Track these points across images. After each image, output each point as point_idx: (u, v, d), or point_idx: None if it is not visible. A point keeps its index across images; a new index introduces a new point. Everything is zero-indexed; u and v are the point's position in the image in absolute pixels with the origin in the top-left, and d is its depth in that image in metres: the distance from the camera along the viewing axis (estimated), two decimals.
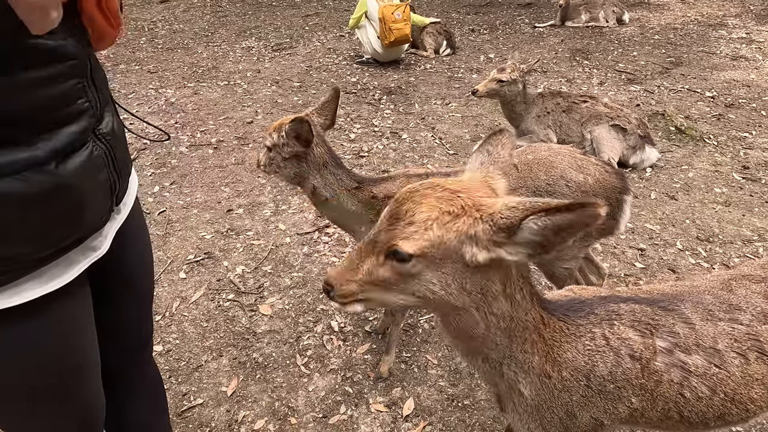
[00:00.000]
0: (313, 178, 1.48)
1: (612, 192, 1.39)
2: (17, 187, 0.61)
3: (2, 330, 0.67)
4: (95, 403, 0.91)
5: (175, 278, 2.25)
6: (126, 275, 0.95)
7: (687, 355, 0.87)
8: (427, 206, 0.70)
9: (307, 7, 8.67)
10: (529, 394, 0.87)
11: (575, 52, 5.50)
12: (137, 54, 5.88)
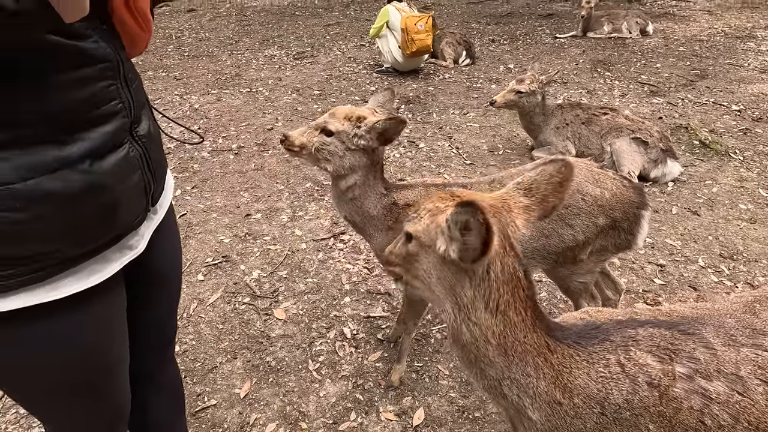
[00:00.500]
0: (357, 175, 1.45)
1: (629, 206, 1.37)
2: (52, 185, 0.64)
3: (43, 324, 0.71)
4: (124, 398, 0.95)
5: (193, 280, 2.30)
6: (158, 275, 0.98)
7: (708, 381, 0.84)
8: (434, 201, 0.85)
9: (329, 17, 8.83)
10: (539, 419, 0.86)
11: (597, 63, 5.44)
12: (164, 61, 6.07)
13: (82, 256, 0.72)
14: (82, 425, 0.90)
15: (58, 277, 0.70)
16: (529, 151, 3.38)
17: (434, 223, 0.82)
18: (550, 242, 1.35)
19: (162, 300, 1.04)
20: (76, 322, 0.75)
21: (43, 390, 0.81)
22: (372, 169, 1.46)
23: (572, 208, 1.32)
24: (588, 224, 1.33)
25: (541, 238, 1.34)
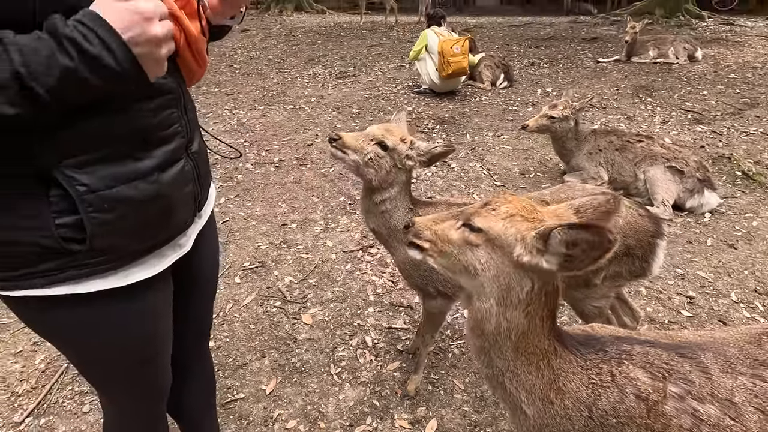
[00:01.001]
0: (394, 191, 1.53)
1: (643, 235, 1.40)
2: (130, 192, 0.79)
3: (114, 306, 0.86)
4: (167, 379, 1.08)
5: (231, 282, 2.48)
6: (198, 273, 1.12)
7: (700, 403, 0.88)
8: (513, 206, 0.89)
9: (373, 38, 9.17)
10: (532, 414, 0.93)
11: (639, 88, 5.37)
12: (218, 77, 6.52)
13: (144, 250, 0.87)
14: (132, 396, 1.05)
15: (127, 267, 0.84)
16: (561, 176, 3.40)
17: (514, 229, 0.85)
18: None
19: (200, 295, 1.18)
20: (137, 305, 0.90)
21: (106, 362, 0.95)
22: (406, 186, 1.57)
23: None
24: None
25: None
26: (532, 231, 0.83)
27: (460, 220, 0.91)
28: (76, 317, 0.84)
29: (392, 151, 1.47)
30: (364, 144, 1.49)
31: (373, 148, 1.48)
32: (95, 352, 0.92)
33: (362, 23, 11.02)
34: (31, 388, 1.90)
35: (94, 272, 0.78)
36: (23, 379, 1.94)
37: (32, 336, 2.15)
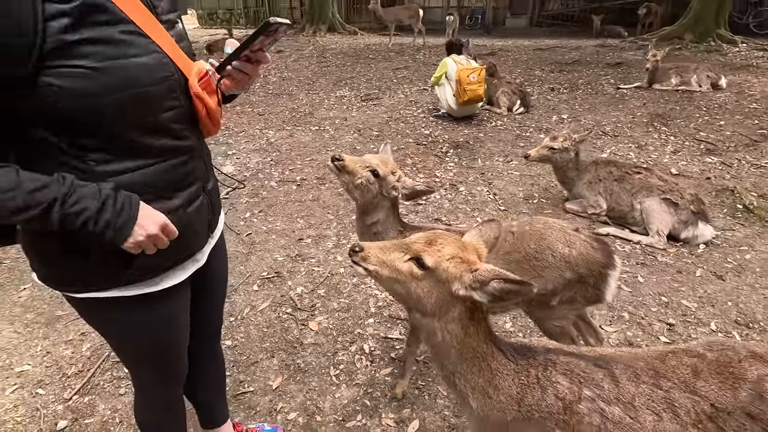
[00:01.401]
0: (381, 214, 1.75)
1: (594, 265, 1.59)
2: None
3: (148, 306, 1.13)
4: (184, 366, 1.37)
5: (250, 289, 2.79)
6: (210, 280, 1.39)
7: (607, 405, 1.09)
8: (452, 248, 1.09)
9: (399, 61, 9.53)
10: (476, 407, 1.16)
11: (655, 117, 5.44)
12: (251, 98, 7.01)
13: (172, 264, 1.14)
14: (157, 379, 1.33)
15: (157, 277, 1.11)
16: (563, 203, 3.56)
17: (455, 270, 1.04)
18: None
19: (212, 299, 1.46)
20: (164, 306, 1.17)
21: (139, 349, 1.23)
22: (392, 210, 1.78)
23: (543, 261, 1.58)
24: (556, 276, 1.58)
25: None
26: (467, 273, 1.04)
27: (408, 254, 1.11)
28: (120, 313, 1.11)
29: (382, 179, 1.66)
30: (359, 168, 1.67)
31: (366, 173, 1.67)
32: (132, 341, 1.21)
33: (391, 45, 11.45)
34: (78, 371, 2.24)
35: (135, 282, 1.07)
36: (72, 363, 2.29)
37: (80, 328, 2.51)
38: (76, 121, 0.87)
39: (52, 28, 0.78)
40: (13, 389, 2.15)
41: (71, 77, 0.82)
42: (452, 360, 1.15)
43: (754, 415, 1.03)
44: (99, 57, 0.83)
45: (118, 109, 0.89)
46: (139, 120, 0.94)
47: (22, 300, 2.76)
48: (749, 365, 1.07)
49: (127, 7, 0.88)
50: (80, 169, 0.92)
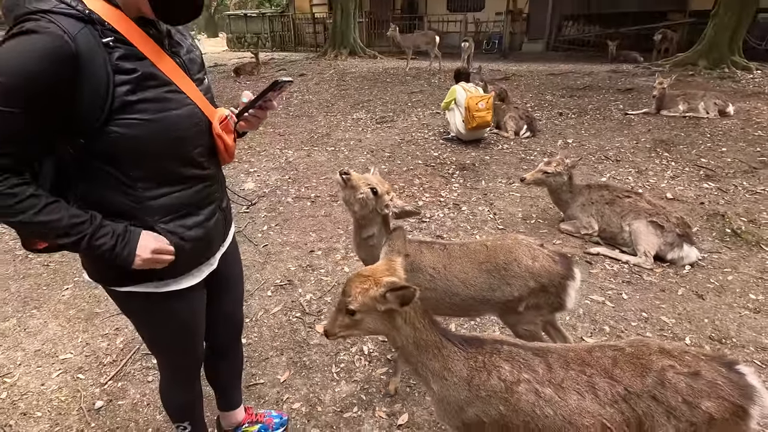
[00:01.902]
0: (375, 229, 2.02)
1: (554, 276, 1.82)
2: (194, 234, 1.36)
3: (174, 302, 1.40)
4: (201, 355, 1.64)
5: (264, 295, 3.09)
6: (226, 282, 1.65)
7: (541, 386, 1.33)
8: (357, 286, 1.35)
9: (414, 84, 9.93)
10: (436, 389, 1.40)
11: (658, 143, 5.61)
12: (274, 119, 7.47)
13: (192, 267, 1.41)
14: (179, 362, 1.60)
15: (180, 278, 1.38)
16: (558, 223, 3.78)
17: (369, 296, 1.30)
18: (495, 294, 1.85)
19: (230, 299, 1.72)
20: (184, 301, 1.43)
21: (165, 336, 1.50)
22: (384, 226, 2.04)
23: (511, 271, 1.83)
24: (521, 285, 1.82)
25: (490, 290, 1.85)
26: (376, 293, 1.30)
27: (341, 313, 1.37)
28: (151, 305, 1.38)
29: (379, 197, 1.90)
30: (362, 184, 1.89)
31: (366, 190, 1.89)
32: (159, 328, 1.47)
33: (408, 69, 11.91)
34: (112, 361, 2.56)
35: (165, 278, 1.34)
36: (107, 354, 2.62)
37: (114, 323, 2.85)
38: (129, 157, 1.14)
39: (119, 92, 1.06)
40: (58, 373, 2.48)
41: (129, 126, 1.08)
42: (413, 353, 1.41)
43: (657, 398, 1.25)
44: (150, 111, 1.11)
45: (160, 148, 1.17)
46: (174, 156, 1.22)
47: (65, 298, 3.13)
48: (656, 358, 1.30)
49: (169, 73, 1.17)
50: (130, 193, 1.18)
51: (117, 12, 1.08)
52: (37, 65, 0.96)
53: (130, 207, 1.20)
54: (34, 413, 2.24)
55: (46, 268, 3.50)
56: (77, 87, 1.00)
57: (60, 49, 0.97)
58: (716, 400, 1.25)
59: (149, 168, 1.19)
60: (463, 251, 1.93)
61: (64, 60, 0.98)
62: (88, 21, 1.02)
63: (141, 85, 1.09)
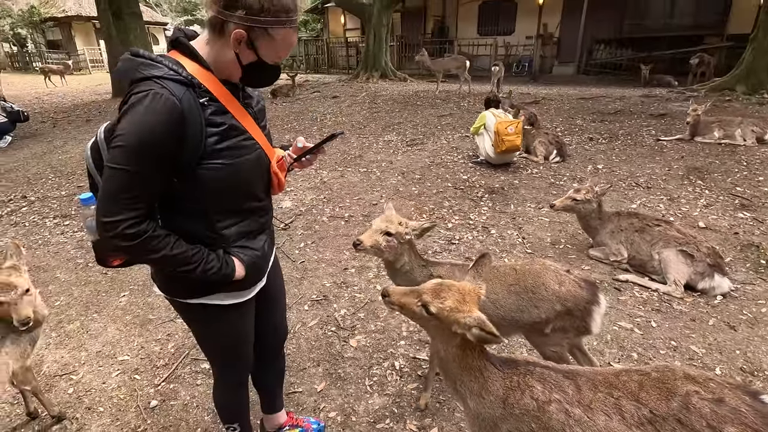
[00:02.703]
0: (405, 257, 2.16)
1: (579, 301, 1.92)
2: (255, 257, 1.56)
3: (232, 314, 1.59)
4: (251, 361, 1.82)
5: (301, 309, 3.28)
6: (270, 296, 1.84)
7: (570, 406, 1.44)
8: (452, 300, 1.45)
9: (444, 107, 10.16)
10: (472, 406, 1.53)
11: (692, 170, 5.57)
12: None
13: (252, 284, 1.61)
14: (230, 366, 1.78)
15: (239, 292, 1.58)
16: (587, 249, 3.83)
17: (454, 317, 1.38)
18: (523, 316, 1.97)
19: (277, 309, 1.93)
20: (239, 312, 1.63)
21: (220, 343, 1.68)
22: (412, 250, 2.18)
23: (539, 294, 1.94)
24: (548, 308, 1.93)
25: (518, 312, 1.97)
26: (464, 318, 1.40)
27: (419, 301, 1.47)
28: (214, 315, 1.58)
29: (396, 234, 2.04)
30: (377, 237, 2.05)
31: (383, 238, 2.05)
32: (218, 337, 1.66)
33: (437, 92, 12.18)
34: (165, 364, 2.79)
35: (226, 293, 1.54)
36: (160, 357, 2.85)
37: (167, 329, 3.10)
38: (210, 195, 1.33)
39: (209, 142, 1.25)
40: (116, 374, 2.73)
41: (213, 170, 1.27)
42: (454, 371, 1.54)
43: (682, 422, 1.34)
44: (230, 157, 1.30)
45: (234, 187, 1.36)
46: (243, 193, 1.42)
47: (122, 304, 3.42)
48: (681, 383, 1.39)
49: (245, 123, 1.38)
50: (208, 224, 1.38)
51: (209, 75, 1.29)
52: (163, 125, 1.16)
53: (207, 235, 1.40)
54: (97, 408, 2.48)
55: (104, 276, 3.82)
56: (183, 140, 1.20)
57: (173, 110, 1.17)
58: (739, 426, 1.32)
59: (224, 203, 1.39)
60: (494, 273, 2.06)
61: (177, 119, 1.18)
62: (189, 85, 1.22)
63: (225, 136, 1.29)
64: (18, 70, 27.22)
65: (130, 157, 1.15)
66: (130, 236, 1.20)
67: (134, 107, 1.16)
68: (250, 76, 1.32)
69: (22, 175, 6.67)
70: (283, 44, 1.28)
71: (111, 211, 1.18)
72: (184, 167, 1.24)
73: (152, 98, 1.16)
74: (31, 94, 15.92)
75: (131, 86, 1.22)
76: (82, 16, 25.56)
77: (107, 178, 1.18)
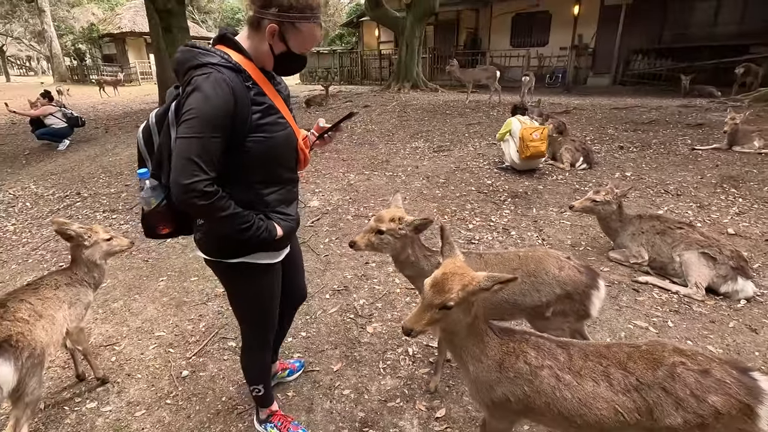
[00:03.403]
0: (408, 250, 2.21)
1: (578, 285, 1.99)
2: (290, 222, 1.79)
3: (267, 273, 1.82)
4: (276, 318, 2.02)
5: (323, 297, 3.46)
6: (293, 260, 2.07)
7: (561, 372, 1.53)
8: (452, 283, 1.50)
9: (473, 116, 10.24)
10: (472, 370, 1.64)
11: (726, 178, 5.42)
12: (338, 146, 8.10)
13: (285, 245, 1.85)
14: (260, 326, 1.99)
15: (275, 253, 1.81)
16: (608, 251, 3.83)
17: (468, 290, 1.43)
18: (525, 299, 2.05)
19: (296, 272, 2.17)
20: (272, 273, 1.86)
21: (254, 303, 1.90)
22: (415, 242, 2.21)
23: (539, 278, 2.03)
24: (548, 291, 2.01)
25: (521, 295, 2.06)
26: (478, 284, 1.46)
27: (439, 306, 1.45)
28: (253, 272, 1.79)
29: (387, 232, 2.09)
30: (370, 237, 2.11)
31: (375, 237, 2.10)
32: (253, 293, 1.87)
33: (467, 102, 12.27)
34: (196, 340, 3.03)
35: (265, 253, 1.77)
36: (192, 335, 3.09)
37: (199, 311, 3.35)
38: (253, 164, 1.56)
39: (253, 118, 1.49)
40: (153, 347, 2.99)
41: (256, 142, 1.51)
42: (461, 338, 1.65)
43: (667, 390, 1.40)
44: (269, 131, 1.53)
45: (271, 158, 1.60)
46: (279, 164, 1.68)
47: (160, 287, 3.71)
48: (669, 354, 1.46)
49: (278, 105, 1.61)
50: (252, 191, 1.61)
51: (250, 63, 1.54)
52: (223, 101, 1.39)
53: (251, 200, 1.61)
54: (135, 375, 2.73)
55: (146, 263, 4.16)
56: (236, 114, 1.43)
57: (229, 89, 1.40)
58: (723, 396, 1.38)
59: (264, 172, 1.62)
60: (498, 259, 2.16)
61: (230, 97, 1.41)
62: (237, 70, 1.47)
63: (266, 113, 1.53)
64: (76, 81, 29.40)
65: (203, 126, 1.37)
66: (208, 194, 1.41)
67: (200, 87, 1.39)
68: (281, 65, 1.57)
69: (77, 175, 7.27)
70: (309, 36, 1.53)
71: (190, 173, 1.37)
72: (234, 139, 1.47)
73: (213, 79, 1.39)
74: (87, 103, 17.20)
75: (190, 71, 1.46)
76: (135, 32, 27.43)
77: (183, 147, 1.38)
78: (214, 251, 1.73)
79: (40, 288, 2.22)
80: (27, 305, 2.08)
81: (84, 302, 2.38)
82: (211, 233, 1.70)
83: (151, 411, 2.45)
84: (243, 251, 1.69)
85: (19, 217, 5.59)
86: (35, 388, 1.97)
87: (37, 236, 4.99)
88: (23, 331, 1.95)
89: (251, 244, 1.64)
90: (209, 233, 1.70)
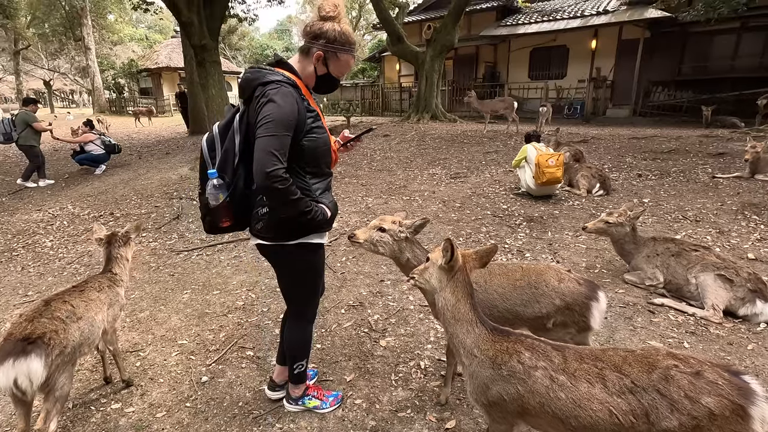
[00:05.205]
0: (408, 252, 2.34)
1: (578, 296, 2.03)
2: (334, 203, 2.05)
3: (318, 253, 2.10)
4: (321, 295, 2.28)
5: (338, 312, 3.56)
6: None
7: (555, 373, 1.57)
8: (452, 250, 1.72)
9: (490, 145, 10.41)
10: (467, 364, 1.71)
11: (747, 206, 5.35)
12: (358, 172, 8.36)
13: (329, 227, 2.09)
14: (311, 304, 2.25)
15: (323, 234, 2.07)
16: (623, 274, 3.82)
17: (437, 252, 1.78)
18: (526, 310, 2.11)
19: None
20: (323, 252, 2.12)
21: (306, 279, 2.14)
22: (415, 244, 2.35)
23: (540, 289, 2.09)
24: (548, 302, 2.06)
25: (522, 306, 2.12)
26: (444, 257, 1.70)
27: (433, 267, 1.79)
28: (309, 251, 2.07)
29: (388, 231, 2.22)
30: (371, 233, 2.25)
31: (376, 233, 2.24)
32: (308, 270, 2.14)
33: (485, 132, 12.50)
34: (216, 349, 3.15)
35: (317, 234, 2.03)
36: (213, 344, 3.22)
37: (219, 322, 3.48)
38: (306, 159, 1.89)
39: (307, 123, 1.84)
40: (176, 354, 3.12)
41: (309, 141, 1.86)
42: (450, 323, 1.73)
43: (661, 392, 1.44)
44: (317, 133, 1.89)
45: (318, 155, 1.93)
46: (322, 160, 1.98)
47: (184, 299, 3.89)
48: (663, 358, 1.50)
49: (320, 114, 1.95)
50: (304, 181, 1.92)
51: (300, 81, 1.90)
52: (291, 108, 1.75)
53: (303, 188, 1.89)
54: (158, 379, 2.86)
55: (171, 277, 4.36)
56: (298, 119, 1.79)
57: (293, 99, 1.77)
58: (716, 397, 1.41)
59: (312, 165, 1.95)
60: (502, 270, 2.24)
61: (295, 105, 1.78)
62: (294, 86, 1.83)
63: (315, 119, 1.89)
64: (114, 113, 31.20)
65: (278, 126, 1.71)
66: (285, 180, 1.71)
67: (274, 98, 1.74)
68: (321, 85, 1.96)
69: (111, 197, 7.69)
70: (345, 64, 1.93)
71: (272, 162, 1.68)
72: (296, 137, 1.81)
73: (282, 92, 1.76)
74: (123, 132, 18.23)
75: (261, 87, 1.78)
76: (171, 67, 29.15)
77: (264, 143, 1.69)
78: (276, 236, 1.98)
79: (85, 290, 2.41)
80: (68, 306, 2.25)
81: (120, 303, 2.58)
82: (271, 220, 1.95)
83: (171, 413, 2.56)
84: (298, 233, 1.97)
85: (57, 235, 5.94)
86: (65, 384, 2.11)
87: (72, 252, 5.30)
88: (57, 329, 2.10)
89: (308, 225, 1.93)
90: (270, 220, 1.95)
